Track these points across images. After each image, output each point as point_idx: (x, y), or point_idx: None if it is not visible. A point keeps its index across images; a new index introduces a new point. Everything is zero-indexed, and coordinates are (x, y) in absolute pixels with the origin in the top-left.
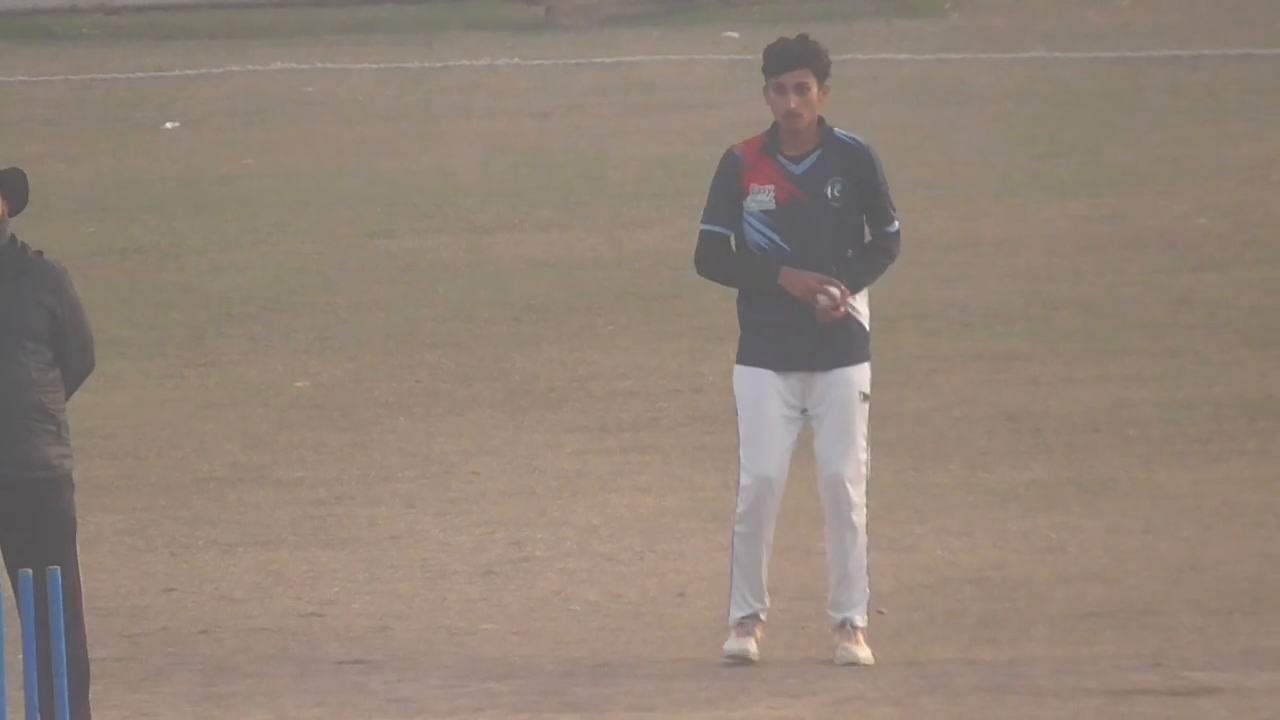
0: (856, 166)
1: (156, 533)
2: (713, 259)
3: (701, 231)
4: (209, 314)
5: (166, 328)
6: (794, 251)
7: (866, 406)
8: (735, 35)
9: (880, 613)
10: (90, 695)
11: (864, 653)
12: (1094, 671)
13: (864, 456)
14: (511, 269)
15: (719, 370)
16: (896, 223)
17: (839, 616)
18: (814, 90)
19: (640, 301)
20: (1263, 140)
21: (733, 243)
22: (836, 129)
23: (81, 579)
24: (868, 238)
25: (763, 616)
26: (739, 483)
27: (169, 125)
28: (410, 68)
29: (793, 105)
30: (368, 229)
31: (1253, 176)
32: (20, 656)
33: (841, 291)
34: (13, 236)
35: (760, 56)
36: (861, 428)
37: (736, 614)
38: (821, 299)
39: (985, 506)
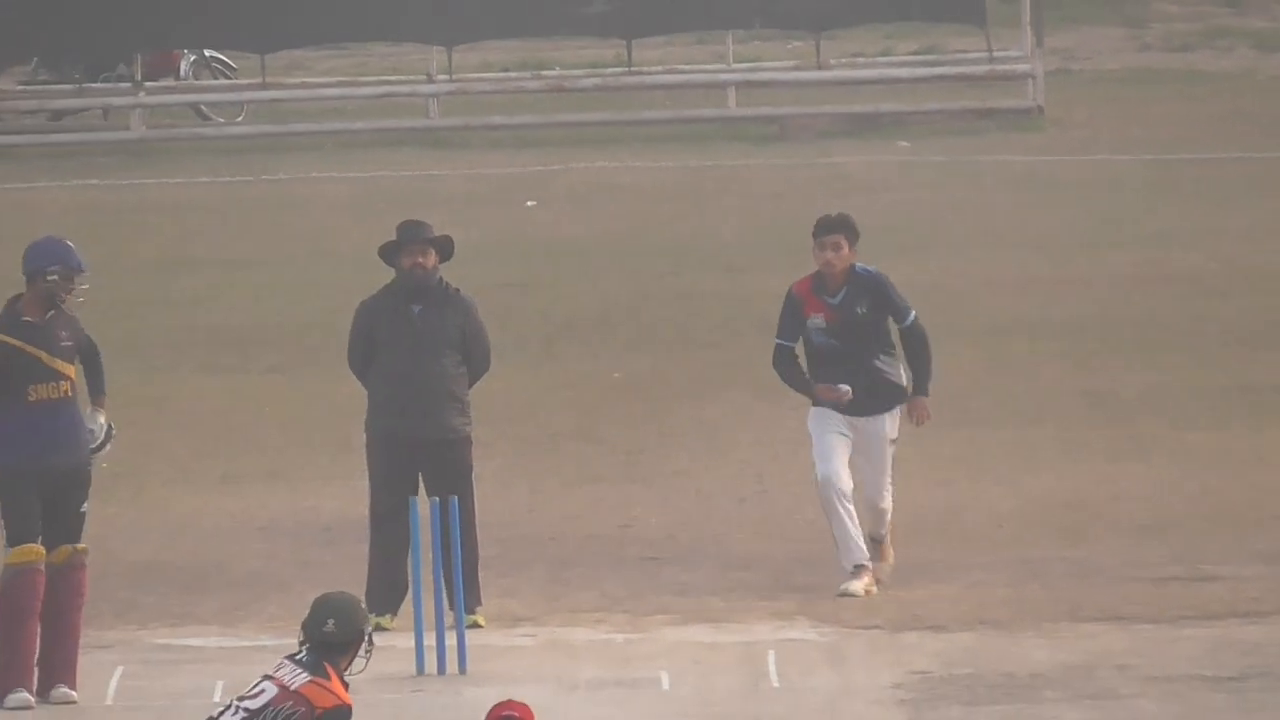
0: (873, 290)
1: (520, 472)
2: (782, 365)
3: (776, 345)
4: (559, 327)
5: (517, 337)
6: (843, 347)
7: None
8: (906, 144)
9: (1000, 526)
10: (479, 580)
11: (884, 564)
12: (1141, 565)
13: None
14: (761, 296)
15: None
16: (913, 313)
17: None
18: (845, 249)
19: None
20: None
21: (798, 349)
22: (857, 265)
23: (476, 504)
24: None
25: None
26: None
27: (529, 203)
28: (691, 165)
29: (829, 258)
30: (672, 271)
31: (1241, 237)
32: (431, 555)
33: (847, 390)
34: (440, 278)
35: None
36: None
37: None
38: (837, 395)
39: (1069, 456)
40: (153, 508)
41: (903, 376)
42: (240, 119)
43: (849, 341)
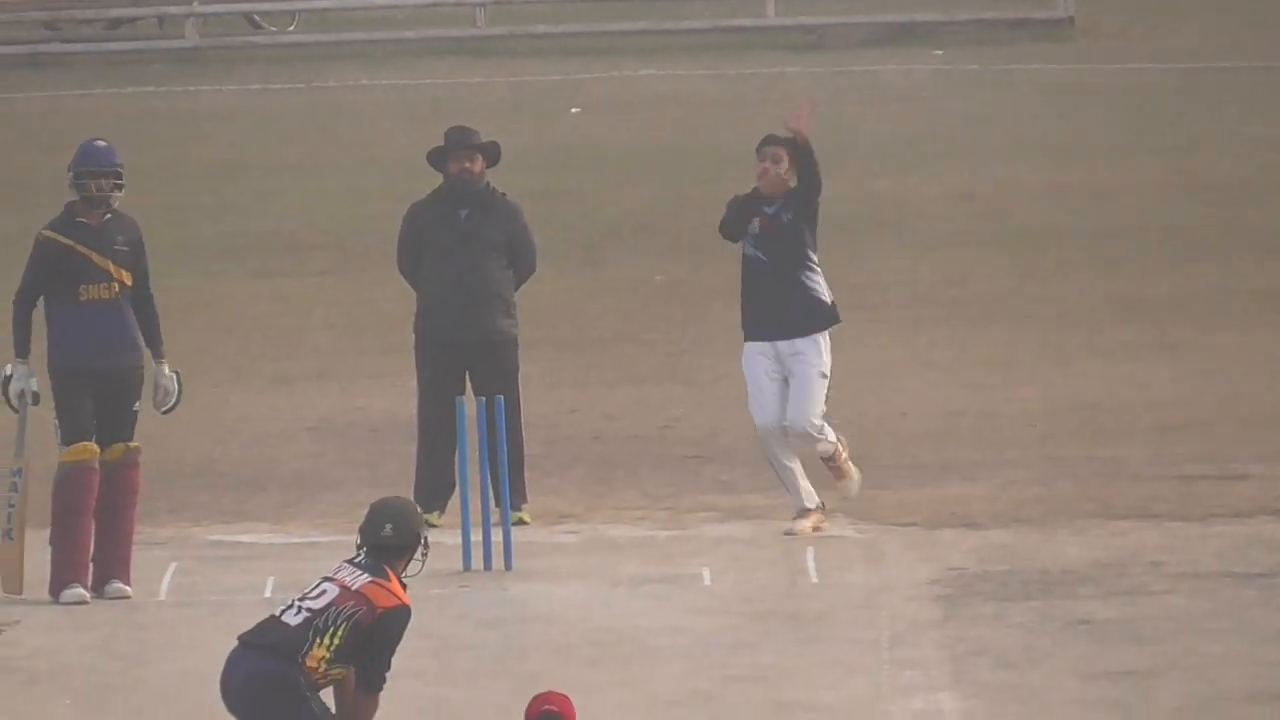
0: (800, 202)
1: (563, 374)
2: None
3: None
4: (602, 232)
5: (562, 242)
6: (771, 262)
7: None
8: (940, 53)
9: (1032, 426)
10: (525, 478)
11: (848, 483)
12: (1171, 463)
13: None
14: None
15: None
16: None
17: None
18: (784, 161)
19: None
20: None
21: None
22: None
23: (521, 404)
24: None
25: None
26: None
27: (573, 111)
28: (730, 74)
29: (767, 166)
30: (711, 178)
31: (1271, 145)
32: (478, 454)
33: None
34: (487, 183)
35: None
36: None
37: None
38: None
39: (1099, 358)
40: (205, 409)
41: (828, 295)
42: (292, 28)
43: (777, 253)
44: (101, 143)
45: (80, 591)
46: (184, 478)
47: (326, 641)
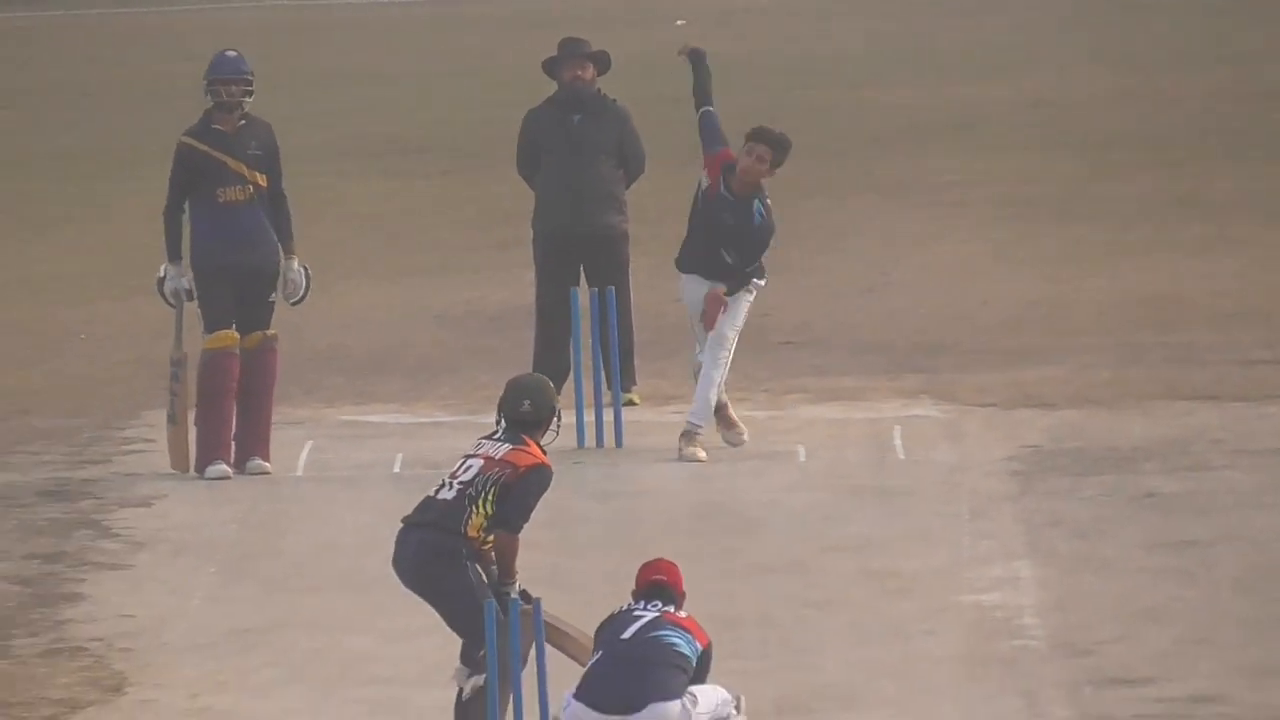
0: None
1: (670, 267)
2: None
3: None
4: None
5: (668, 145)
6: (712, 232)
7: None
8: None
9: (1103, 315)
10: (634, 363)
11: (735, 433)
12: (1232, 349)
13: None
14: (880, 109)
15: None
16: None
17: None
18: (767, 163)
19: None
20: None
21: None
22: (765, 190)
23: (631, 294)
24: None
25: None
26: None
27: (679, 22)
28: None
29: (752, 164)
30: (801, 85)
31: None
32: (591, 340)
33: None
34: (598, 89)
35: None
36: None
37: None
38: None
39: (1165, 253)
40: (335, 299)
41: (750, 279)
42: None
43: (714, 232)
44: (232, 52)
45: (223, 468)
46: (317, 363)
47: (481, 508)
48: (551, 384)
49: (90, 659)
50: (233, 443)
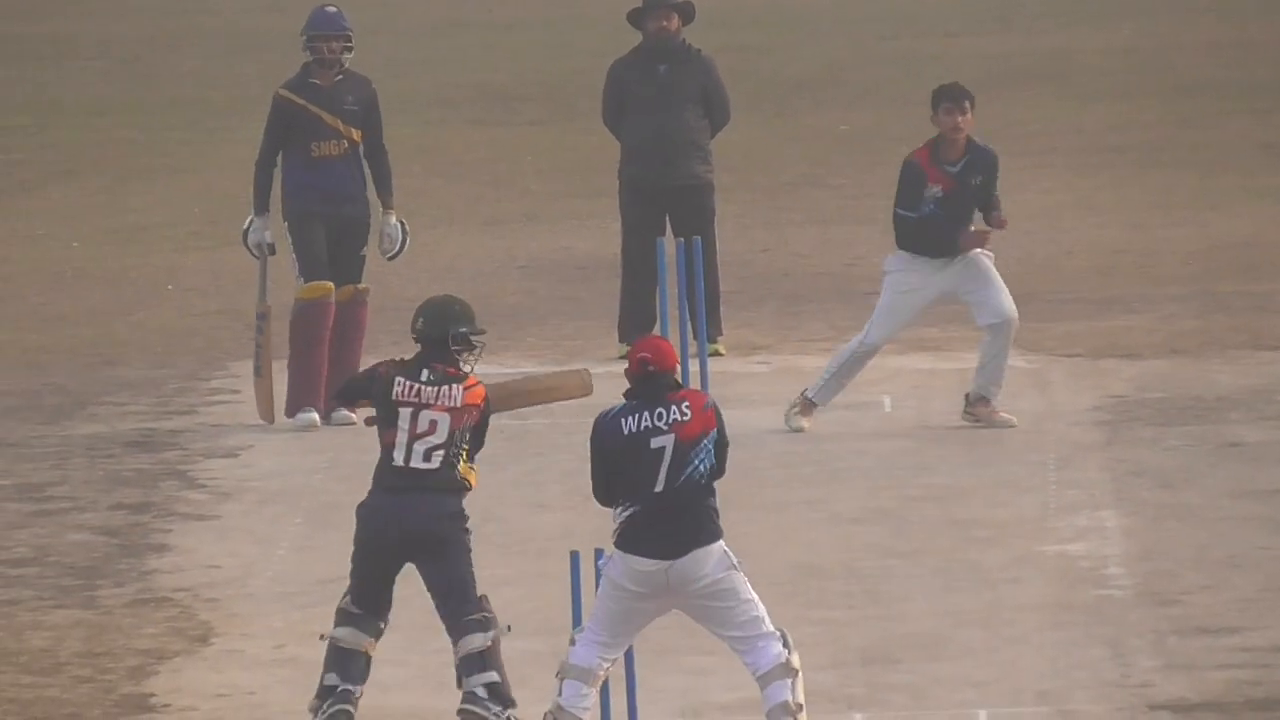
0: (988, 166)
1: (755, 216)
2: (910, 238)
3: (898, 215)
4: (790, 85)
5: (753, 94)
6: (950, 219)
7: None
8: None
9: (1189, 264)
10: (720, 313)
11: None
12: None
13: None
14: (972, 59)
15: None
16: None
17: None
18: (969, 114)
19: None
20: None
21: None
22: (974, 137)
23: (717, 244)
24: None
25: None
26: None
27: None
28: None
29: (958, 122)
30: (892, 35)
31: None
32: (677, 290)
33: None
34: (683, 40)
35: None
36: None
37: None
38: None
39: (1251, 201)
40: (423, 249)
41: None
42: None
43: (956, 214)
44: (332, 8)
45: (313, 415)
46: (405, 312)
47: (465, 458)
48: (456, 307)
49: (176, 609)
50: (323, 392)
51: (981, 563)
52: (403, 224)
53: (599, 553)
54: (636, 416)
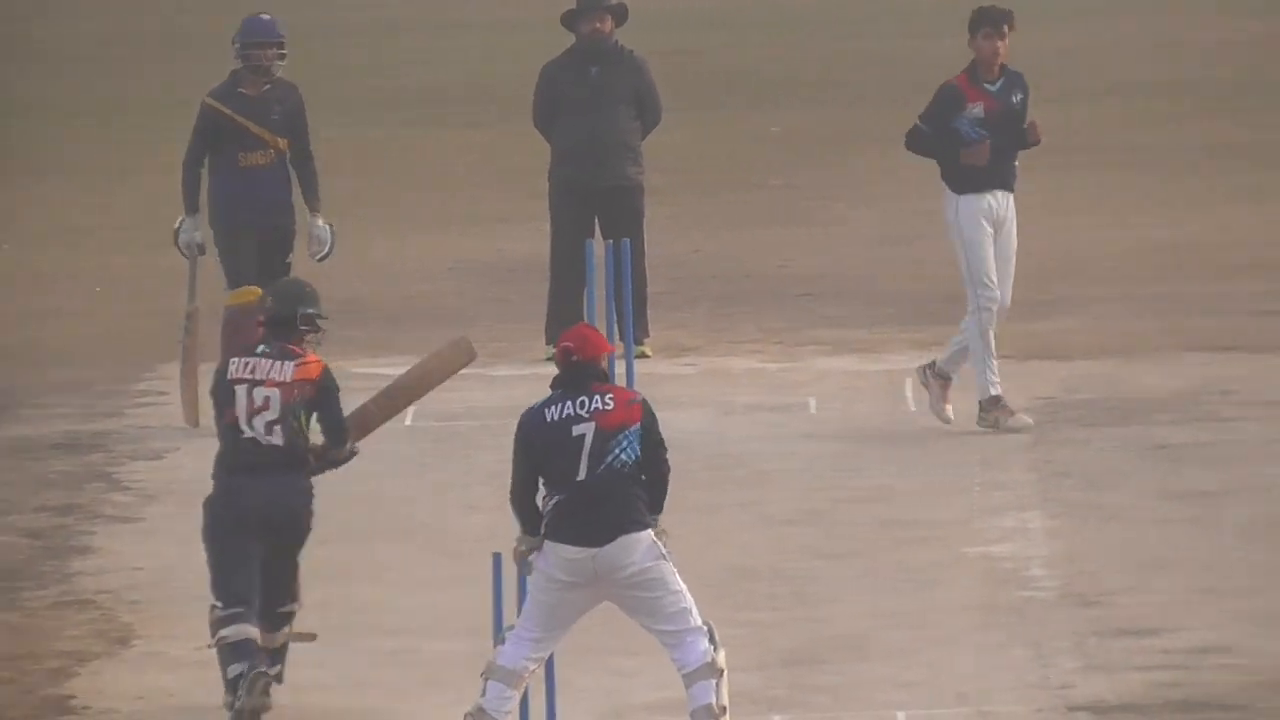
0: (1023, 86)
1: (686, 218)
2: (917, 143)
3: (915, 126)
4: (722, 87)
5: (685, 96)
6: (993, 139)
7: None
8: None
9: (1116, 266)
10: (648, 315)
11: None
12: (1245, 300)
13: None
14: (915, 61)
15: None
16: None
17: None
18: (1008, 38)
19: None
20: None
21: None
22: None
23: (646, 246)
24: None
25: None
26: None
27: None
28: None
29: (998, 46)
30: (818, 35)
31: None
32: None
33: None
34: (616, 41)
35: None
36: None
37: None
38: (981, 152)
39: (1183, 201)
40: (356, 250)
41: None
42: None
43: (999, 133)
44: (266, 16)
45: None
46: (336, 314)
47: (304, 437)
48: (306, 289)
49: (98, 611)
50: None
51: (908, 564)
52: (330, 226)
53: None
54: (560, 405)
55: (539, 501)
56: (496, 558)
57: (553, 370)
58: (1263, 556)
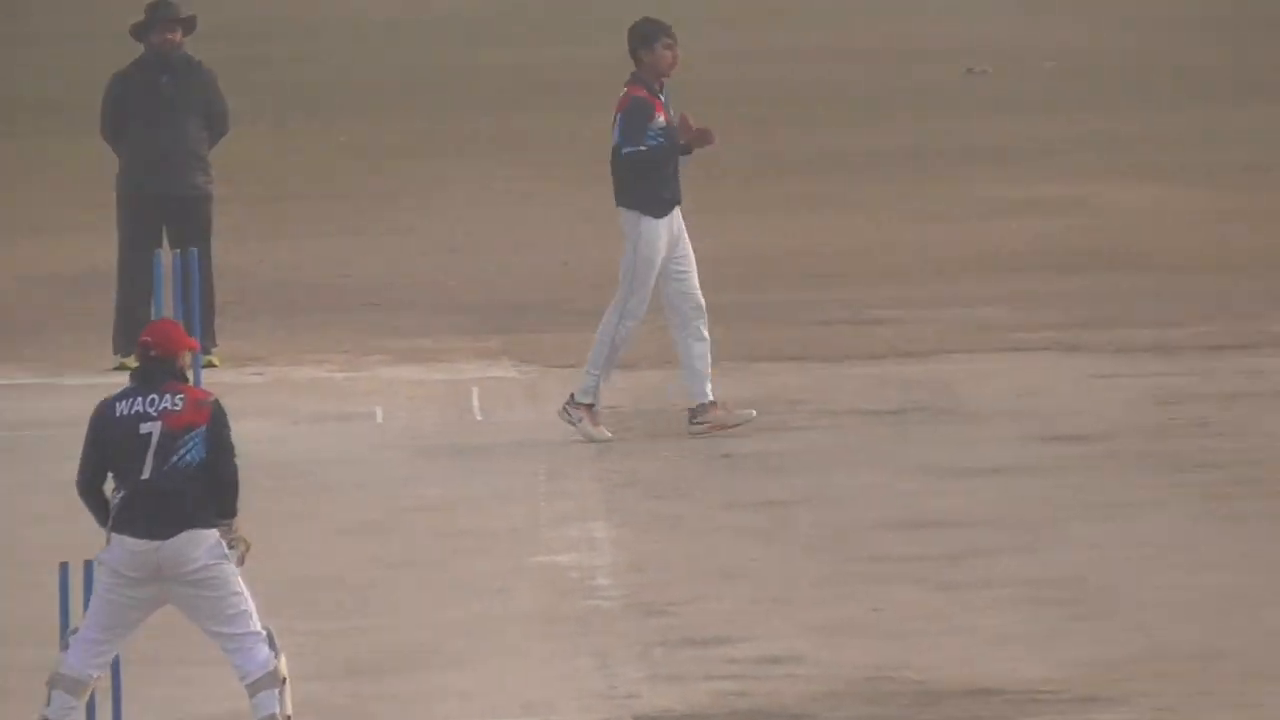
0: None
1: (253, 227)
2: (641, 167)
3: (627, 154)
4: (290, 97)
5: (254, 106)
6: (669, 145)
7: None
8: None
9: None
10: (215, 325)
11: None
12: (812, 309)
13: None
14: (492, 71)
15: None
16: None
17: None
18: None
19: None
20: None
21: None
22: None
23: (213, 255)
24: None
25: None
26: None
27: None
28: None
29: (679, 55)
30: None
31: None
32: (172, 302)
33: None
34: (185, 53)
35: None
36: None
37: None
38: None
39: (751, 210)
40: None
41: None
42: None
43: (672, 138)
44: None
45: None
46: None
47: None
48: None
49: None
50: None
51: (471, 574)
52: None
53: (90, 565)
54: (131, 400)
55: (108, 494)
56: (64, 567)
57: (122, 380)
58: (830, 567)
